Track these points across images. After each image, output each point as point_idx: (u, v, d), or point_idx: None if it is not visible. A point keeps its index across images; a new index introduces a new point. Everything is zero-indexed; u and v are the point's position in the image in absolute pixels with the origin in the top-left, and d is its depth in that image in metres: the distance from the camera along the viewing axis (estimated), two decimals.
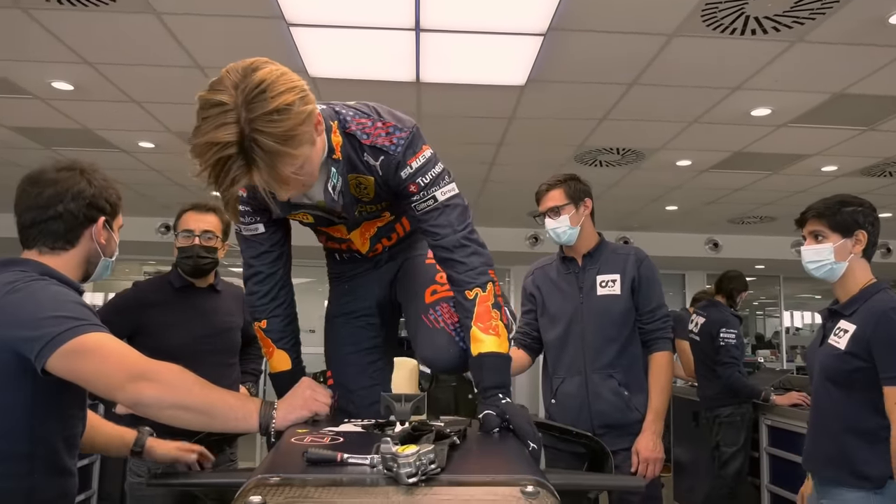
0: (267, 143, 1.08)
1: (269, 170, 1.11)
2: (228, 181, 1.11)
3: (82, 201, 1.39)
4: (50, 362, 1.21)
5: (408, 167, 1.36)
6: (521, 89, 3.95)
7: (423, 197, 1.38)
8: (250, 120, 1.07)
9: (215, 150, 1.07)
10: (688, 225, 8.10)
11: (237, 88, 1.09)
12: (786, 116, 4.35)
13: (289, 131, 1.10)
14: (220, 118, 1.07)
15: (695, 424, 4.49)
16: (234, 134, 1.07)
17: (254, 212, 1.45)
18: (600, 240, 2.45)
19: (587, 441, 1.89)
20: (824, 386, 1.88)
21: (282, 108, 1.09)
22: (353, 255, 1.66)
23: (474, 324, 1.35)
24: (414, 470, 0.79)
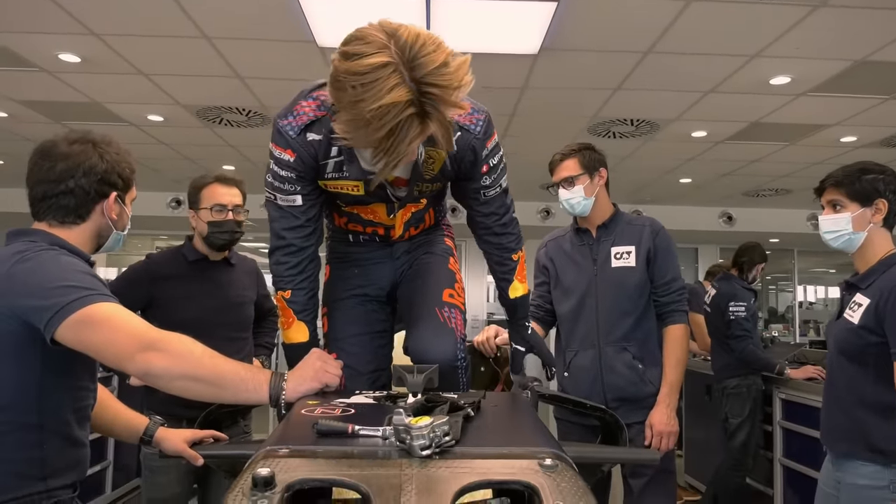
0: (441, 96, 1.09)
1: (441, 122, 1.13)
2: (407, 141, 1.11)
3: (94, 177, 1.37)
4: (59, 332, 1.20)
5: (485, 148, 1.43)
6: (534, 58, 3.87)
7: (493, 183, 1.49)
8: (420, 77, 1.07)
9: (394, 112, 1.07)
10: (701, 198, 8.00)
11: (390, 47, 1.08)
12: (805, 85, 4.24)
13: (457, 83, 1.11)
14: (388, 80, 1.06)
15: (707, 398, 4.47)
16: (409, 92, 1.07)
17: (296, 179, 1.39)
18: (615, 211, 2.40)
19: (601, 414, 1.87)
20: (838, 360, 1.85)
21: (448, 61, 1.10)
22: (371, 239, 1.64)
23: (515, 277, 1.64)
24: (428, 442, 0.77)
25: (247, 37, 3.70)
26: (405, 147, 1.13)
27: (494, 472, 0.72)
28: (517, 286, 1.66)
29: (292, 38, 3.67)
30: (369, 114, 1.08)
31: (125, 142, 4.58)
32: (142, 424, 1.59)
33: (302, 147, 1.35)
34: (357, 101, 1.09)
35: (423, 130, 1.13)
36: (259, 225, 7.35)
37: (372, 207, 1.55)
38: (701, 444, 4.60)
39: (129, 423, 1.60)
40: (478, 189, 1.50)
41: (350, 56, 1.10)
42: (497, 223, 1.58)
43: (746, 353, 3.68)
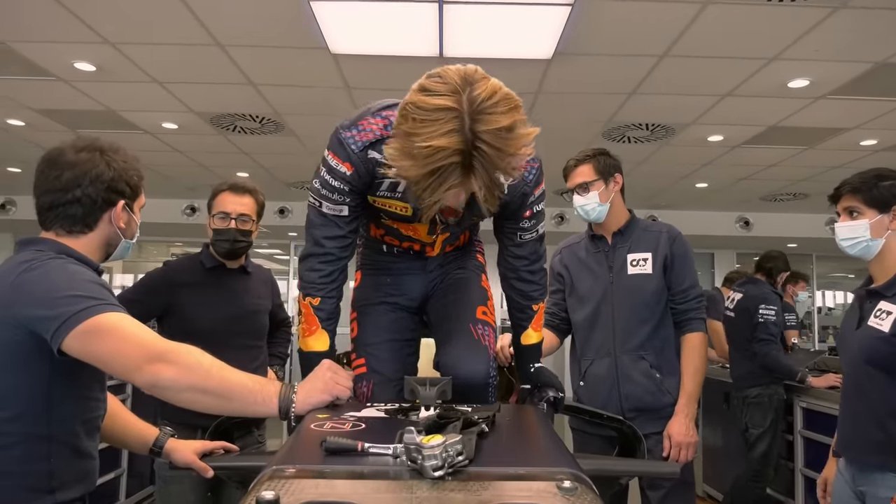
0: (492, 156, 1.09)
1: (485, 179, 1.13)
2: (444, 188, 1.12)
3: (101, 185, 1.35)
4: (66, 343, 1.18)
5: (532, 195, 1.48)
6: (548, 63, 3.84)
7: (532, 227, 1.54)
8: (478, 132, 1.08)
9: (440, 155, 1.08)
10: (718, 203, 7.91)
11: (461, 94, 1.09)
12: (825, 88, 4.17)
13: (512, 149, 1.12)
14: (445, 124, 1.07)
15: (726, 406, 4.40)
16: (460, 141, 1.07)
17: (347, 192, 1.39)
18: (631, 217, 2.35)
19: (618, 425, 1.83)
20: (865, 370, 1.78)
21: (511, 126, 1.11)
22: (406, 252, 1.64)
23: (531, 326, 1.65)
24: (440, 462, 0.73)
25: (260, 44, 3.70)
26: (441, 192, 1.13)
27: (510, 496, 0.68)
28: (531, 334, 1.67)
29: (305, 45, 3.67)
30: (417, 150, 1.09)
31: (140, 149, 4.63)
32: (152, 435, 1.57)
33: (361, 163, 1.36)
34: (411, 134, 1.10)
35: (463, 182, 1.13)
36: (272, 231, 7.40)
37: (414, 226, 1.56)
38: (718, 452, 4.52)
39: (140, 434, 1.58)
40: (515, 230, 1.54)
41: (423, 90, 1.12)
42: (526, 268, 1.60)
43: (770, 359, 3.61)
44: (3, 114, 5.00)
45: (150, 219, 8.22)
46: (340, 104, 4.62)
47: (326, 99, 4.55)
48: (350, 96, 4.47)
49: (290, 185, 7.51)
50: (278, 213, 8.41)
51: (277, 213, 8.40)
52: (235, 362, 2.31)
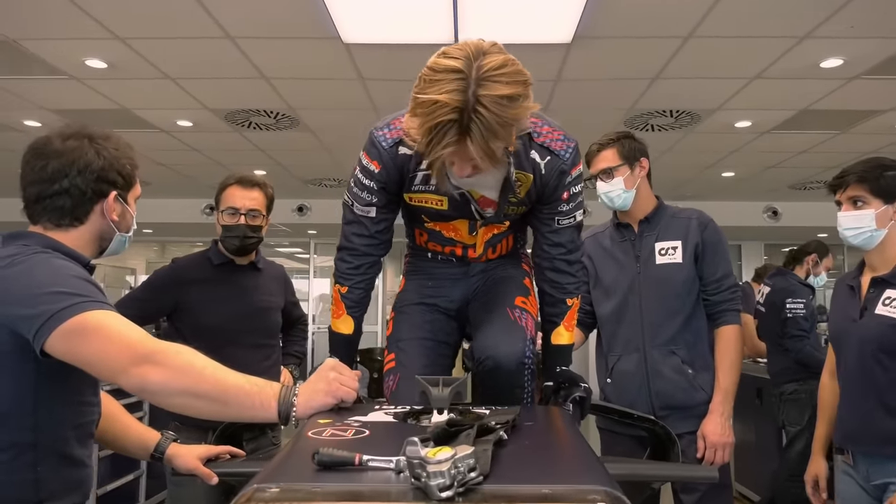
0: (488, 121, 1.12)
1: (482, 145, 1.15)
2: (441, 146, 1.15)
3: (90, 175, 1.26)
4: (49, 343, 1.09)
5: (569, 175, 1.45)
6: (567, 48, 3.70)
7: (570, 212, 1.50)
8: (479, 95, 1.11)
9: (438, 112, 1.12)
10: (745, 192, 7.70)
11: (473, 60, 1.13)
12: (859, 67, 3.98)
13: (510, 119, 1.15)
14: (450, 83, 1.11)
15: (758, 402, 4.23)
16: (460, 100, 1.11)
17: (376, 191, 1.45)
18: (658, 203, 2.22)
19: (650, 425, 1.71)
20: (877, 359, 1.74)
21: (513, 96, 1.14)
22: (449, 259, 1.63)
23: (563, 323, 1.58)
24: (448, 481, 0.62)
25: (270, 35, 3.62)
26: (439, 150, 1.16)
27: None
28: (562, 332, 1.59)
29: (316, 35, 3.57)
30: (420, 105, 1.14)
31: (157, 148, 4.60)
32: (153, 440, 1.49)
33: (391, 159, 1.41)
34: (418, 93, 1.15)
35: (459, 142, 1.15)
36: (293, 230, 7.36)
37: (454, 224, 1.55)
38: (751, 449, 4.37)
39: (140, 439, 1.50)
40: (553, 215, 1.51)
41: (441, 54, 1.17)
42: (563, 257, 1.55)
43: (803, 355, 3.46)
44: (20, 115, 4.99)
45: (172, 219, 8.27)
46: (355, 97, 4.53)
47: (341, 91, 4.46)
48: (365, 88, 4.37)
49: (307, 182, 7.44)
50: (297, 211, 8.36)
51: (296, 210, 8.35)
52: (247, 360, 2.25)
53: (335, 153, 6.12)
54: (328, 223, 8.66)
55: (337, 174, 7.09)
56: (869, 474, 1.75)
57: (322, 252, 10.34)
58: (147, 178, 7.05)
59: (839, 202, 1.86)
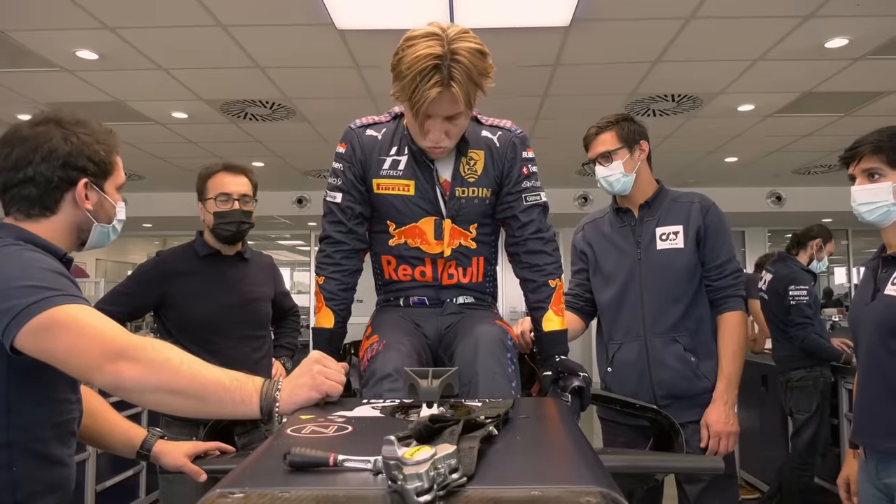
0: (465, 63, 1.28)
1: (463, 90, 1.29)
2: (427, 87, 1.27)
3: (55, 161, 1.20)
4: (18, 339, 1.04)
5: (525, 150, 1.57)
6: (566, 31, 3.63)
7: (533, 188, 1.57)
8: (454, 48, 1.28)
9: (421, 61, 1.26)
10: (748, 177, 7.63)
11: (443, 30, 1.30)
12: (865, 47, 3.89)
13: (483, 69, 1.32)
14: (428, 41, 1.28)
15: (763, 389, 4.19)
16: (440, 49, 1.27)
17: (342, 172, 1.53)
18: (659, 187, 2.16)
19: (653, 415, 1.66)
20: (885, 343, 1.61)
21: (483, 50, 1.32)
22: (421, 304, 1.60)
23: (550, 307, 1.56)
24: (426, 484, 0.56)
25: (263, 23, 3.55)
26: (426, 93, 1.28)
27: None
28: (552, 318, 1.56)
29: (309, 21, 3.51)
30: (404, 67, 1.29)
31: (153, 141, 4.54)
32: (139, 437, 1.43)
33: (357, 138, 1.52)
34: (400, 58, 1.30)
35: (441, 84, 1.27)
36: (293, 222, 7.33)
37: (420, 228, 1.54)
38: (756, 437, 4.33)
39: (125, 436, 1.44)
40: (519, 192, 1.56)
41: (413, 30, 1.32)
42: (535, 236, 1.58)
43: (808, 342, 3.40)
44: (12, 109, 4.93)
45: (173, 213, 8.22)
46: (351, 85, 4.46)
47: (336, 80, 4.40)
48: (360, 75, 4.30)
49: (306, 173, 7.38)
50: (297, 203, 8.30)
51: (296, 202, 8.29)
52: (237, 353, 2.20)
53: (333, 143, 6.00)
54: None
55: None
56: (878, 471, 1.66)
57: None
58: (144, 171, 7.01)
59: (852, 176, 1.72)
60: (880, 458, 1.66)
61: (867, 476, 1.70)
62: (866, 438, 1.71)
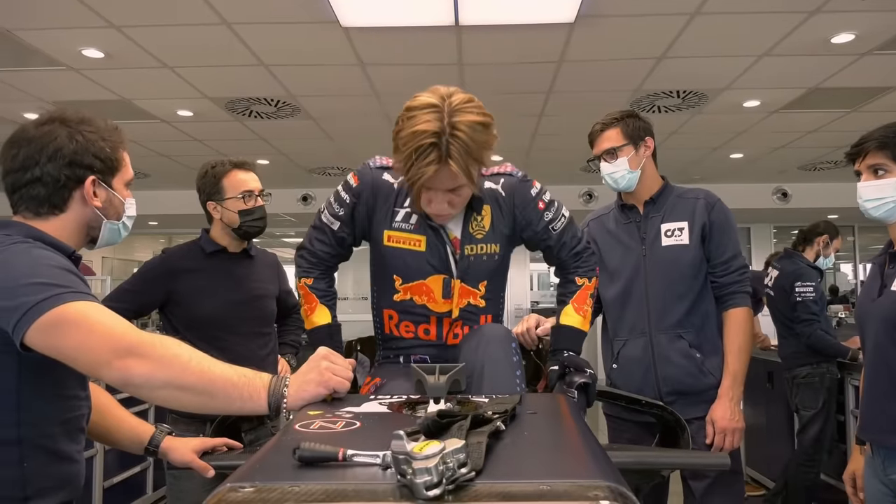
0: (464, 139, 1.25)
1: (461, 167, 1.27)
2: (423, 164, 1.26)
3: (61, 160, 1.20)
4: (28, 336, 1.05)
5: (532, 187, 1.55)
6: (571, 27, 3.62)
7: (556, 215, 1.56)
8: (454, 122, 1.26)
9: (419, 137, 1.25)
10: (754, 174, 7.60)
11: (444, 99, 1.28)
12: (871, 42, 3.87)
13: (482, 143, 1.30)
14: (427, 115, 1.26)
15: (769, 386, 4.18)
16: (437, 126, 1.25)
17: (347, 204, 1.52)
18: (664, 183, 2.16)
19: (659, 411, 1.66)
20: (891, 338, 1.62)
21: (485, 122, 1.30)
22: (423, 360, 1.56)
23: (571, 302, 1.57)
24: (435, 478, 0.57)
25: (268, 20, 3.56)
26: (422, 169, 1.26)
27: None
28: (570, 313, 1.58)
29: (314, 19, 3.51)
30: (402, 139, 1.27)
31: (158, 140, 4.55)
32: (147, 433, 1.44)
33: (371, 178, 1.50)
34: (399, 130, 1.30)
35: (439, 161, 1.26)
36: (298, 220, 7.34)
37: (428, 285, 1.51)
38: (762, 433, 4.32)
39: (133, 432, 1.45)
40: (546, 227, 1.56)
41: (415, 98, 1.31)
42: (570, 254, 1.60)
43: (815, 339, 3.39)
44: (19, 108, 4.95)
45: (178, 211, 8.23)
46: (355, 83, 4.46)
47: (341, 77, 4.40)
48: (365, 73, 4.31)
49: (311, 171, 7.39)
50: (301, 201, 8.31)
51: (301, 200, 8.30)
52: (243, 350, 2.21)
53: (337, 141, 6.07)
54: None
55: (340, 162, 7.03)
56: (885, 467, 1.66)
57: None
58: (150, 169, 7.02)
59: (858, 172, 1.71)
60: (887, 453, 1.65)
61: (873, 472, 1.70)
62: (873, 434, 1.71)
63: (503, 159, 6.13)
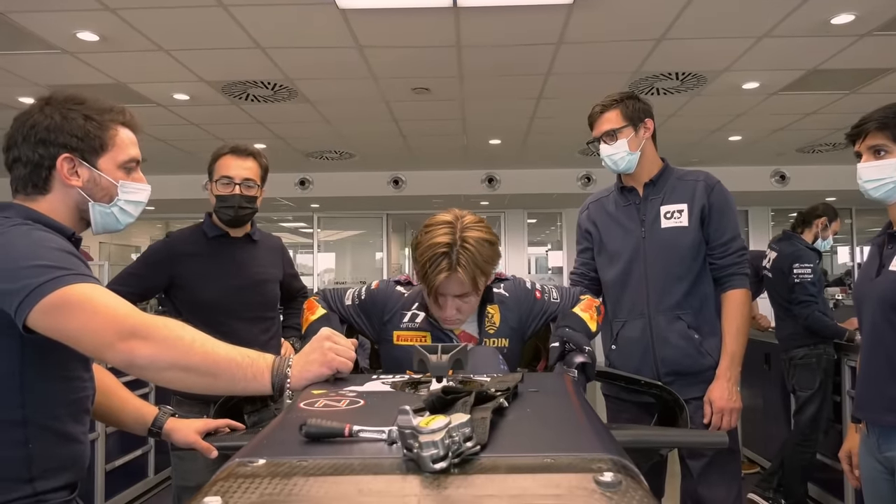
0: (471, 252, 1.46)
1: (468, 275, 1.47)
2: (435, 272, 1.46)
3: (34, 140, 1.19)
4: (31, 318, 1.05)
5: (531, 283, 1.78)
6: (570, 8, 3.59)
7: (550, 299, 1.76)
8: (465, 236, 1.48)
9: (433, 249, 1.47)
10: (752, 156, 7.58)
11: (458, 219, 1.52)
12: (872, 23, 3.84)
13: (489, 258, 1.51)
14: (441, 229, 1.49)
15: (766, 367, 4.21)
16: (450, 238, 1.47)
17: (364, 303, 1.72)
18: (664, 165, 2.16)
19: (657, 391, 1.68)
20: (888, 319, 1.63)
21: (490, 240, 1.52)
22: None
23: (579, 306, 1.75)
24: (442, 451, 0.58)
25: (264, 2, 3.52)
26: (434, 278, 1.46)
27: (532, 493, 0.52)
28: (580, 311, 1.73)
29: (311, 0, 3.47)
30: (419, 252, 1.49)
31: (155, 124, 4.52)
32: (150, 415, 1.45)
33: (387, 287, 1.72)
34: (417, 244, 1.52)
35: (449, 269, 1.46)
36: (296, 204, 7.28)
37: None
38: (760, 414, 4.35)
39: (137, 413, 1.46)
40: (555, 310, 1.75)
41: (433, 216, 1.55)
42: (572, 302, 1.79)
43: (812, 320, 3.40)
44: (13, 91, 4.91)
45: (176, 196, 8.21)
46: (353, 65, 4.43)
47: (338, 60, 4.36)
48: (363, 56, 4.27)
49: (308, 154, 7.36)
50: (299, 185, 8.28)
51: (298, 184, 8.27)
52: (245, 334, 2.22)
53: (335, 124, 6.03)
54: (331, 196, 8.60)
55: (338, 146, 7.00)
56: (879, 445, 1.68)
57: (326, 226, 10.29)
58: (146, 154, 6.85)
59: (858, 153, 1.71)
60: (882, 431, 1.67)
61: (868, 450, 1.72)
62: (868, 413, 1.72)
63: (501, 142, 6.04)
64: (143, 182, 1.33)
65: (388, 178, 8.30)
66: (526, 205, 9.66)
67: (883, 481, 1.68)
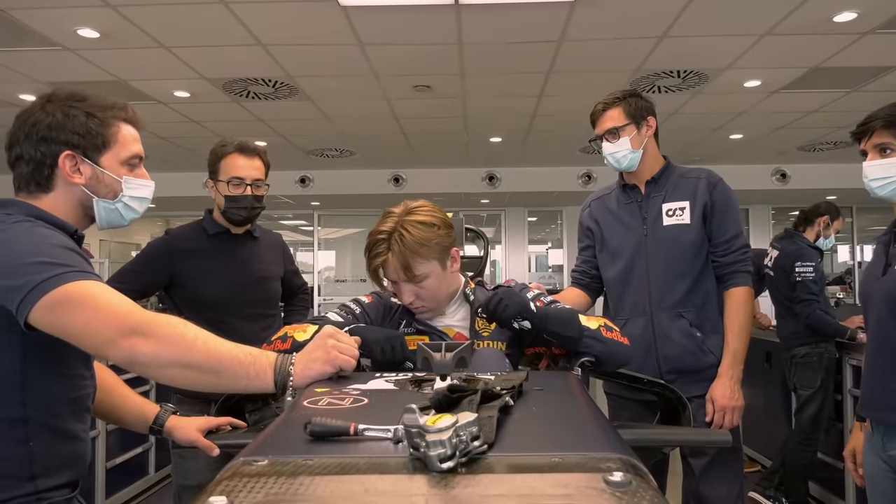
0: (405, 238, 1.46)
1: (400, 260, 1.47)
2: (372, 255, 1.51)
3: (35, 137, 1.19)
4: (33, 315, 1.04)
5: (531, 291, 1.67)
6: (572, 6, 3.58)
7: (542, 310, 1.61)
8: (403, 221, 1.49)
9: (374, 236, 1.50)
10: (753, 155, 7.57)
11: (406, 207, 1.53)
12: (874, 21, 3.83)
13: (424, 240, 1.48)
14: (387, 219, 1.51)
15: (768, 365, 4.20)
16: (389, 227, 1.49)
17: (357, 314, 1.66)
18: (666, 163, 2.16)
19: (660, 389, 1.67)
20: (893, 316, 1.62)
21: (427, 222, 1.50)
22: None
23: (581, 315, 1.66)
24: (449, 451, 0.57)
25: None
26: (371, 260, 1.51)
27: (541, 493, 0.52)
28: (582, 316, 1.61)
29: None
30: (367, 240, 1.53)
31: (156, 121, 4.51)
32: (151, 412, 1.45)
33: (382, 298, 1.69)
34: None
35: (386, 253, 1.49)
36: (296, 202, 7.28)
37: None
38: (761, 413, 4.35)
39: (138, 411, 1.46)
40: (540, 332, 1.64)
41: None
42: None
43: (814, 319, 3.40)
44: (14, 89, 4.90)
45: (176, 193, 8.20)
46: (354, 62, 4.42)
47: (339, 57, 4.35)
48: (364, 53, 4.26)
49: (309, 152, 7.35)
50: (299, 183, 8.27)
51: (298, 182, 8.26)
52: (246, 332, 2.21)
53: (336, 122, 6.02)
54: (331, 194, 8.58)
55: (339, 144, 6.99)
56: (884, 443, 1.67)
57: (326, 223, 10.28)
58: (146, 151, 6.90)
59: (864, 151, 1.70)
60: (886, 430, 1.67)
61: (873, 448, 1.71)
62: (873, 411, 1.72)
63: (501, 140, 6.02)
64: (147, 178, 1.32)
65: (389, 176, 8.29)
66: (526, 203, 9.65)
67: (887, 480, 1.67)
